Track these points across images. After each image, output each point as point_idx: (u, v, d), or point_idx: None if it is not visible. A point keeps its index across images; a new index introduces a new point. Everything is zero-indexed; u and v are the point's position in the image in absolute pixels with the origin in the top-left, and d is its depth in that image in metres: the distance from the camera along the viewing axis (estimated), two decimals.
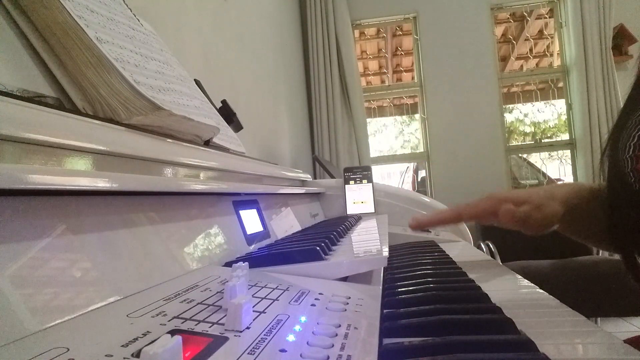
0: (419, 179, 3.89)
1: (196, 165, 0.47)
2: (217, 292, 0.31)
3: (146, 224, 0.35)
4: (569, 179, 3.24)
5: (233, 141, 0.79)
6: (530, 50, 3.34)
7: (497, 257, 2.16)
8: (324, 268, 0.42)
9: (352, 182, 1.19)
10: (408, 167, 4.18)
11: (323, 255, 0.44)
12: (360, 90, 2.98)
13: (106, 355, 0.19)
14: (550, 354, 0.25)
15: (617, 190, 0.49)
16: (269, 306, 0.30)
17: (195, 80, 0.77)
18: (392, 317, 0.34)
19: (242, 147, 0.83)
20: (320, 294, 0.35)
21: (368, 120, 3.10)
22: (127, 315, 0.25)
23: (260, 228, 0.60)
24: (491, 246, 2.24)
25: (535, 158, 3.41)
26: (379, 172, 3.64)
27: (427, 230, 1.06)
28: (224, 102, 0.90)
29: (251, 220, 0.58)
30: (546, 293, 0.45)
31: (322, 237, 0.52)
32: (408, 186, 4.11)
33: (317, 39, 2.88)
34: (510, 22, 3.38)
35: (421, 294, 0.40)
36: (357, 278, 0.46)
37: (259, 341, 0.23)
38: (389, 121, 3.90)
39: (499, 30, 3.51)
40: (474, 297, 0.39)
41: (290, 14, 2.69)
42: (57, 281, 0.24)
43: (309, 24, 2.90)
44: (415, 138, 3.58)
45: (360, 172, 1.20)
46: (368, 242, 0.58)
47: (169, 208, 0.39)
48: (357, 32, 3.24)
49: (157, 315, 0.25)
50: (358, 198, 1.18)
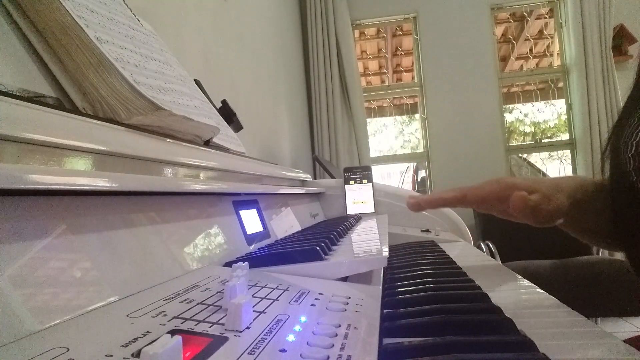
0: (419, 179, 3.90)
1: (196, 165, 0.47)
2: (217, 292, 0.31)
3: (146, 224, 0.35)
4: None
5: (233, 141, 0.79)
6: (530, 50, 3.34)
7: (497, 257, 2.16)
8: (324, 268, 0.42)
9: (352, 182, 1.19)
10: (408, 167, 4.19)
11: (323, 255, 0.44)
12: (360, 90, 2.98)
13: (106, 355, 0.19)
14: (550, 354, 0.25)
15: (619, 189, 0.49)
16: (269, 306, 0.30)
17: (195, 80, 0.77)
18: (392, 317, 0.34)
19: (242, 147, 0.83)
20: (320, 294, 0.35)
21: (368, 120, 3.10)
22: (127, 315, 0.25)
23: (260, 228, 0.60)
24: (491, 246, 2.24)
25: (535, 158, 3.41)
26: (379, 172, 3.64)
27: (427, 230, 1.06)
28: (224, 102, 0.90)
29: (251, 220, 0.58)
30: (546, 293, 0.45)
31: (322, 237, 0.52)
32: (408, 186, 4.11)
33: (317, 39, 2.89)
34: (510, 22, 3.38)
35: (421, 294, 0.40)
36: (357, 278, 0.46)
37: (259, 341, 0.23)
38: (389, 121, 3.90)
39: (499, 30, 3.51)
40: (474, 297, 0.39)
41: (290, 14, 2.69)
42: (57, 281, 0.24)
43: (309, 24, 2.90)
44: (415, 138, 3.59)
45: (360, 172, 1.20)
46: (368, 242, 0.58)
47: (169, 208, 0.39)
48: (357, 32, 3.24)
49: (157, 315, 0.25)
50: (358, 198, 1.18)
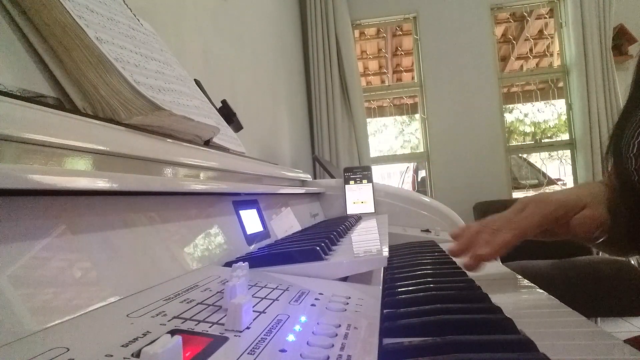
0: (419, 179, 3.90)
1: (196, 165, 0.47)
2: (217, 292, 0.31)
3: (146, 224, 0.35)
4: (569, 179, 3.24)
5: (233, 141, 0.79)
6: (530, 50, 3.34)
7: (497, 257, 2.16)
8: (324, 268, 0.42)
9: (352, 182, 1.19)
10: (408, 167, 4.19)
11: (323, 255, 0.44)
12: (360, 90, 2.98)
13: (106, 355, 0.19)
14: (550, 354, 0.25)
15: (621, 188, 0.48)
16: (269, 306, 0.30)
17: (195, 80, 0.77)
18: (392, 317, 0.34)
19: (242, 147, 0.83)
20: (320, 294, 0.35)
21: (368, 120, 3.10)
22: (127, 315, 0.25)
23: (260, 228, 0.60)
24: None
25: (535, 158, 3.41)
26: (379, 172, 3.64)
27: (427, 230, 1.06)
28: (224, 102, 0.90)
29: (251, 220, 0.58)
30: (546, 293, 0.45)
31: (322, 237, 0.52)
32: (408, 186, 4.11)
33: (317, 39, 2.89)
34: (510, 22, 3.38)
35: (421, 294, 0.40)
36: (357, 278, 0.46)
37: (259, 341, 0.23)
38: (389, 121, 3.90)
39: (499, 30, 3.51)
40: (474, 297, 0.39)
41: (290, 14, 2.69)
42: (57, 281, 0.24)
43: (309, 24, 2.90)
44: (415, 138, 3.59)
45: (360, 172, 1.20)
46: (368, 242, 0.58)
47: (169, 208, 0.39)
48: (357, 32, 3.24)
49: (157, 315, 0.25)
50: (358, 198, 1.18)
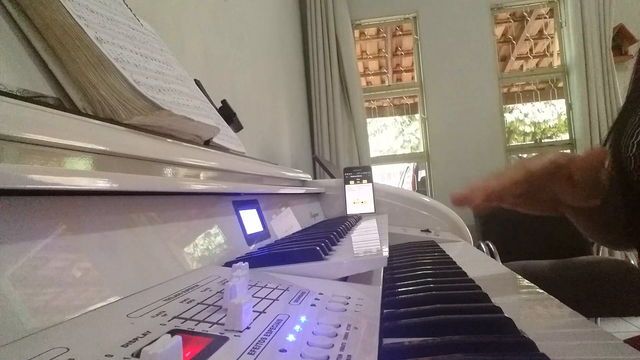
0: (419, 179, 3.90)
1: (196, 165, 0.47)
2: (217, 292, 0.31)
3: (146, 224, 0.35)
4: None
5: (233, 141, 0.79)
6: (530, 50, 3.34)
7: (497, 257, 2.16)
8: (324, 268, 0.42)
9: (352, 182, 1.19)
10: (408, 167, 4.19)
11: (323, 255, 0.44)
12: (360, 90, 2.98)
13: (106, 355, 0.19)
14: (550, 354, 0.25)
15: (620, 188, 0.48)
16: (269, 306, 0.30)
17: (195, 80, 0.77)
18: (392, 317, 0.34)
19: (242, 147, 0.83)
20: (320, 294, 0.35)
21: (368, 120, 3.09)
22: (127, 315, 0.25)
23: (260, 228, 0.60)
24: (491, 246, 2.24)
25: None
26: (379, 172, 3.64)
27: (427, 230, 1.06)
28: (224, 102, 0.90)
29: (251, 220, 0.58)
30: (546, 293, 0.45)
31: (322, 237, 0.52)
32: (408, 186, 4.12)
33: (317, 39, 2.88)
34: (510, 22, 3.38)
35: (421, 294, 0.40)
36: (357, 278, 0.46)
37: (259, 341, 0.23)
38: (389, 121, 3.91)
39: (499, 30, 3.51)
40: (474, 297, 0.39)
41: (290, 14, 2.69)
42: (57, 281, 0.24)
43: (309, 24, 2.90)
44: (415, 138, 3.59)
45: (360, 172, 1.20)
46: (368, 242, 0.58)
47: (169, 208, 0.39)
48: (357, 32, 3.24)
49: (157, 315, 0.25)
50: (358, 198, 1.18)
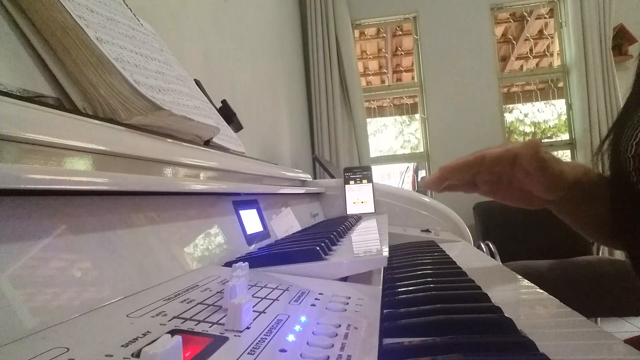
0: (419, 179, 3.89)
1: (196, 165, 0.47)
2: (217, 292, 0.31)
3: (146, 224, 0.35)
4: None
5: (233, 141, 0.79)
6: (530, 50, 3.34)
7: (497, 257, 2.16)
8: (324, 268, 0.42)
9: (352, 182, 1.19)
10: (408, 167, 4.19)
11: (323, 255, 0.44)
12: (360, 90, 2.98)
13: (106, 355, 0.19)
14: (550, 354, 0.25)
15: (620, 189, 0.48)
16: (269, 306, 0.30)
17: (195, 80, 0.77)
18: (392, 317, 0.34)
19: (242, 147, 0.83)
20: (320, 294, 0.35)
21: (368, 120, 3.10)
22: (127, 315, 0.25)
23: (260, 228, 0.60)
24: (491, 246, 2.24)
25: None
26: (379, 172, 3.64)
27: (427, 230, 1.06)
28: (224, 102, 0.90)
29: (251, 220, 0.58)
30: (546, 293, 0.45)
31: (322, 237, 0.52)
32: (408, 186, 4.11)
33: (317, 39, 2.89)
34: (510, 22, 3.38)
35: (421, 294, 0.40)
36: (357, 278, 0.46)
37: (259, 341, 0.23)
38: (389, 121, 3.90)
39: (499, 30, 3.51)
40: (474, 297, 0.39)
41: (290, 14, 2.69)
42: (57, 281, 0.24)
43: (309, 24, 2.90)
44: (415, 138, 3.59)
45: (360, 172, 1.20)
46: (368, 242, 0.58)
47: (169, 208, 0.39)
48: (357, 32, 3.24)
49: (157, 315, 0.25)
50: (358, 198, 1.18)
